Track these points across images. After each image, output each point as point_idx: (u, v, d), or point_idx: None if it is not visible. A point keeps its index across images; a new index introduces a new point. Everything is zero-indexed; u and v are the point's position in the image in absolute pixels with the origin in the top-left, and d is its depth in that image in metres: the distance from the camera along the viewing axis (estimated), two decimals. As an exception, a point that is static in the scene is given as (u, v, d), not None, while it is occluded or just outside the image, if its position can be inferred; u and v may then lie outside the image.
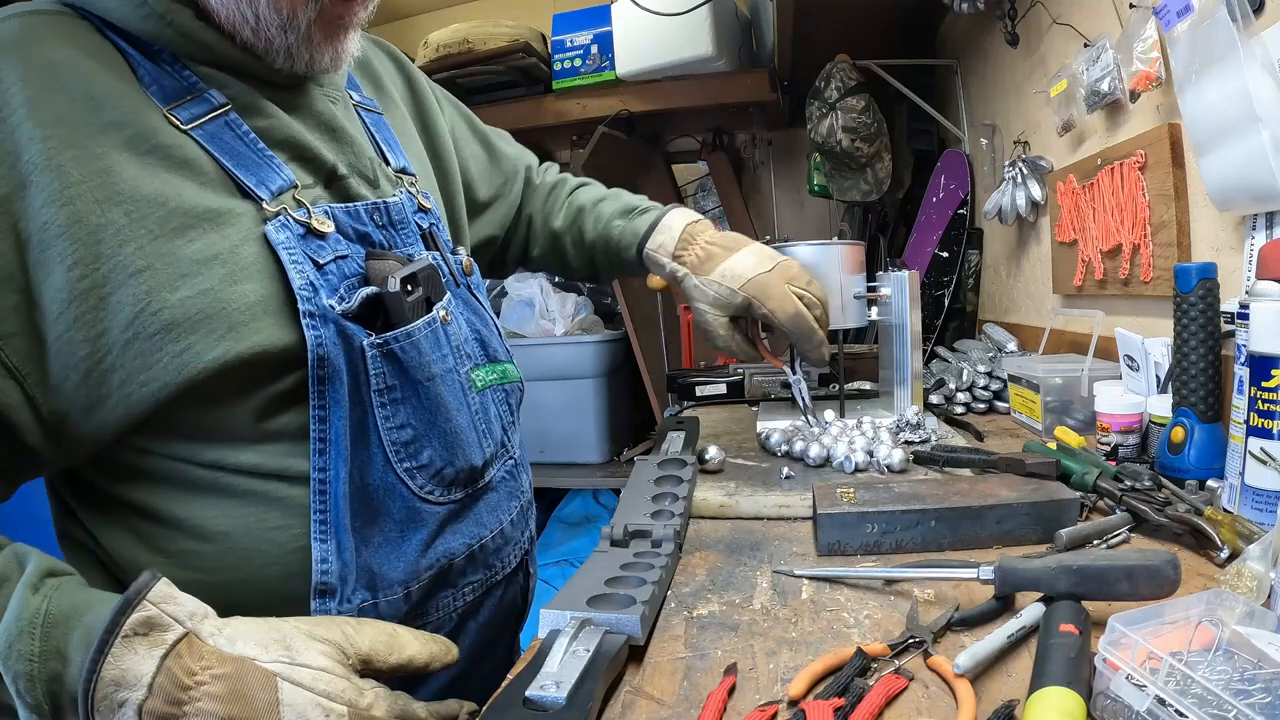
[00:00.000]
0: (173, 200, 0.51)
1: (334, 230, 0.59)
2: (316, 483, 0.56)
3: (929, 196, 1.99)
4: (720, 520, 0.81)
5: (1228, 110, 0.79)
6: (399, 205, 0.65)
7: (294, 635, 0.46)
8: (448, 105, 0.89)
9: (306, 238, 0.57)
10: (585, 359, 1.98)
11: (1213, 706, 0.37)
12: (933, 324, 1.79)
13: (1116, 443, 0.90)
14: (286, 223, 0.55)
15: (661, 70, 2.15)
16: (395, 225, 0.65)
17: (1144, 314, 1.08)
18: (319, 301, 0.55)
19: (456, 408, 0.63)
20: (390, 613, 0.60)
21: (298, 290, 0.54)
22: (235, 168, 0.55)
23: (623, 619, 0.53)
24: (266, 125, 0.58)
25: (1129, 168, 1.05)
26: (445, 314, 0.63)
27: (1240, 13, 0.76)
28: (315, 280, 0.56)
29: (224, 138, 0.55)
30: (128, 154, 0.51)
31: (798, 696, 0.47)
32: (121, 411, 0.51)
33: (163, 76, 0.54)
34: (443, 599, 0.65)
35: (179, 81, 0.55)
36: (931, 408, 1.23)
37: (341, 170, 0.62)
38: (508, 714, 0.46)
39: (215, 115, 0.55)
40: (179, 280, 0.51)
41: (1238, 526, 0.62)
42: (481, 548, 0.67)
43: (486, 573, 0.69)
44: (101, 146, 0.50)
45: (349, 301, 0.57)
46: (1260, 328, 0.64)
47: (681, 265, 0.88)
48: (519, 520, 0.74)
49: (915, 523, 0.69)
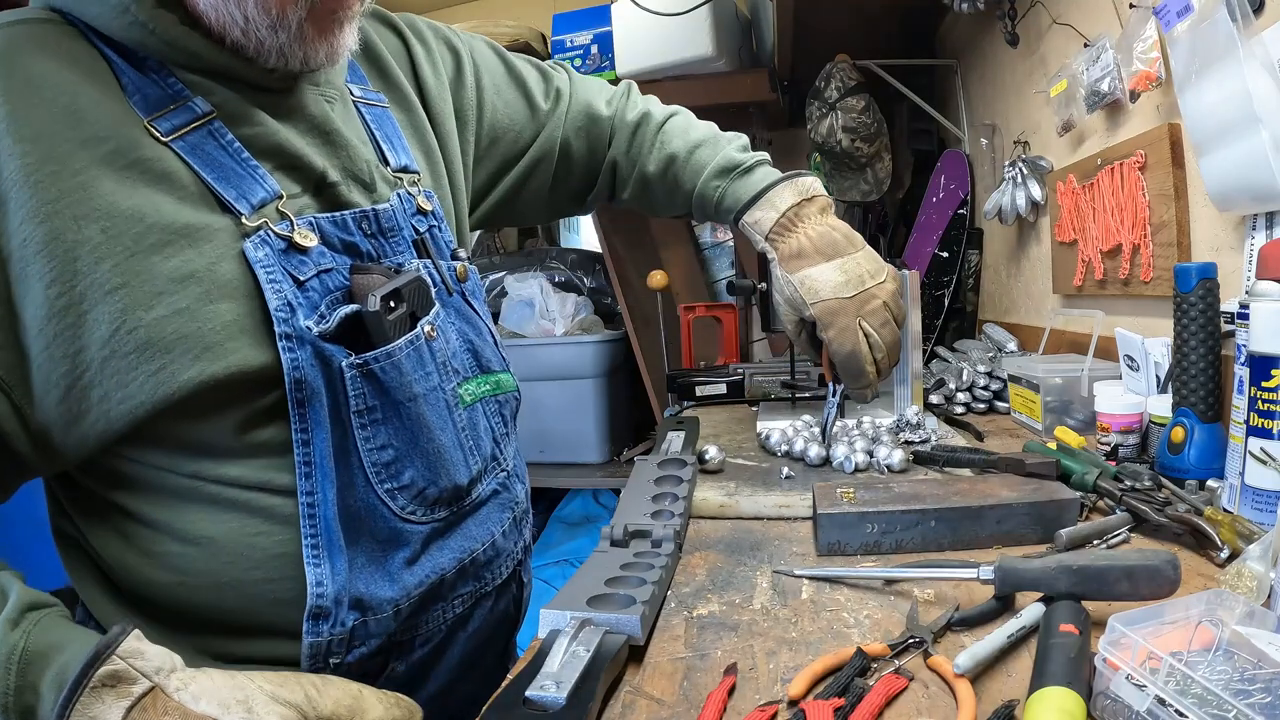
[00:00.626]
0: (150, 216, 0.50)
1: (318, 243, 0.57)
2: (305, 506, 0.55)
3: (929, 196, 1.99)
4: (720, 520, 0.81)
5: (1228, 110, 0.79)
6: (389, 213, 0.64)
7: (257, 696, 0.45)
8: (472, 60, 0.82)
9: (288, 253, 0.55)
10: (585, 359, 1.98)
11: (1213, 706, 0.37)
12: (933, 324, 1.79)
13: (1116, 443, 0.90)
14: (267, 238, 0.54)
15: (661, 70, 2.14)
16: (385, 234, 0.63)
17: (1144, 314, 1.08)
18: (296, 323, 0.54)
19: (440, 426, 0.62)
20: (380, 630, 0.59)
21: (274, 311, 0.53)
22: (215, 181, 0.54)
23: (623, 619, 0.53)
24: (253, 133, 0.57)
25: (1129, 168, 1.05)
26: (431, 329, 0.62)
27: (1240, 13, 0.76)
28: (294, 299, 0.55)
29: (206, 149, 0.54)
30: (106, 169, 0.50)
31: (798, 696, 0.47)
32: (101, 426, 0.51)
33: (147, 85, 0.53)
34: (433, 612, 0.64)
35: (164, 90, 0.54)
36: (931, 408, 1.23)
37: (333, 176, 0.61)
38: (508, 714, 0.46)
39: (198, 125, 0.54)
40: (154, 299, 0.50)
41: (1238, 526, 0.62)
42: (472, 561, 0.67)
43: (476, 584, 0.68)
44: (80, 162, 0.49)
45: (328, 321, 0.55)
46: (1260, 328, 0.64)
47: (773, 249, 0.83)
48: (511, 531, 0.73)
49: (915, 523, 0.69)
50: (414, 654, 0.64)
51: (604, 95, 0.92)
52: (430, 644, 0.65)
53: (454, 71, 0.80)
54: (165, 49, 0.53)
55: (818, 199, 0.84)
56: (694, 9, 2.01)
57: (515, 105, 0.85)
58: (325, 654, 0.57)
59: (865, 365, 0.80)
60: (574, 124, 0.89)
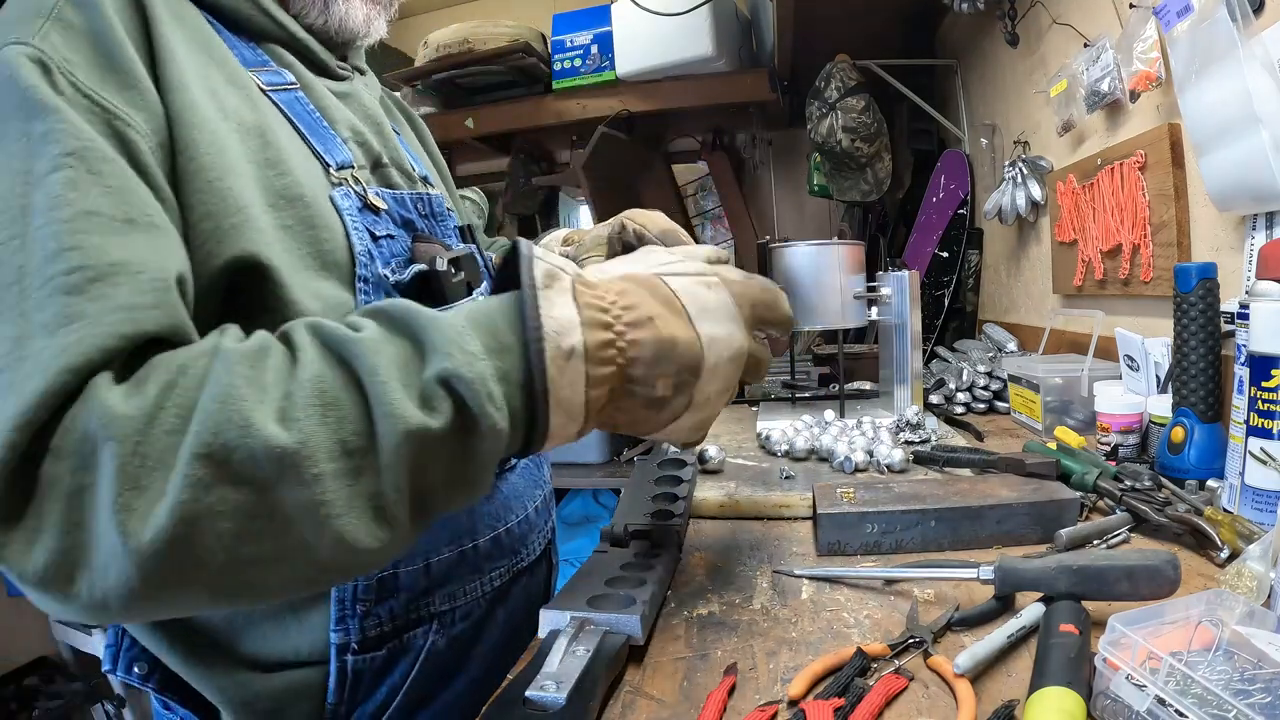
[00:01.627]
0: (268, 134, 0.54)
1: (385, 210, 0.61)
2: None
3: (929, 196, 1.99)
4: (720, 520, 0.81)
5: (1228, 110, 0.79)
6: (439, 199, 0.68)
7: (640, 263, 0.52)
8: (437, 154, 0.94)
9: (364, 211, 0.59)
10: (585, 359, 1.97)
11: (1213, 706, 0.37)
12: (933, 324, 1.79)
13: (1116, 443, 0.90)
14: (348, 193, 0.58)
15: (661, 70, 2.15)
16: (436, 217, 0.67)
17: (1144, 314, 1.08)
18: (374, 269, 0.57)
19: None
20: (409, 583, 0.60)
21: (357, 255, 0.56)
22: (309, 133, 0.58)
23: (623, 619, 0.53)
24: (326, 106, 0.61)
25: (1129, 168, 1.05)
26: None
27: (1240, 13, 0.76)
28: (371, 250, 0.57)
29: (295, 108, 0.58)
30: (230, 87, 0.54)
31: (798, 696, 0.47)
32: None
33: (242, 47, 0.58)
34: (470, 586, 0.65)
35: (256, 55, 0.59)
36: (931, 408, 1.23)
37: (385, 159, 0.65)
38: (508, 714, 0.46)
39: (288, 88, 0.59)
40: (268, 208, 0.52)
41: (1238, 526, 0.62)
42: (508, 532, 0.68)
43: (512, 559, 0.69)
44: (209, 74, 0.53)
45: (400, 274, 0.59)
46: (1260, 328, 0.64)
47: None
48: (542, 509, 0.76)
49: (915, 523, 0.69)
50: (455, 627, 0.64)
51: None
52: (470, 619, 0.65)
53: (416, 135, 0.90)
54: (264, 21, 0.59)
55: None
56: (694, 9, 2.01)
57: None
58: (353, 599, 0.57)
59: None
60: None
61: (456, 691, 0.63)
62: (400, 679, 0.59)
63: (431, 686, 0.62)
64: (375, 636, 0.58)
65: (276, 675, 0.56)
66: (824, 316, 1.11)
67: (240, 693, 0.56)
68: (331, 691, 0.57)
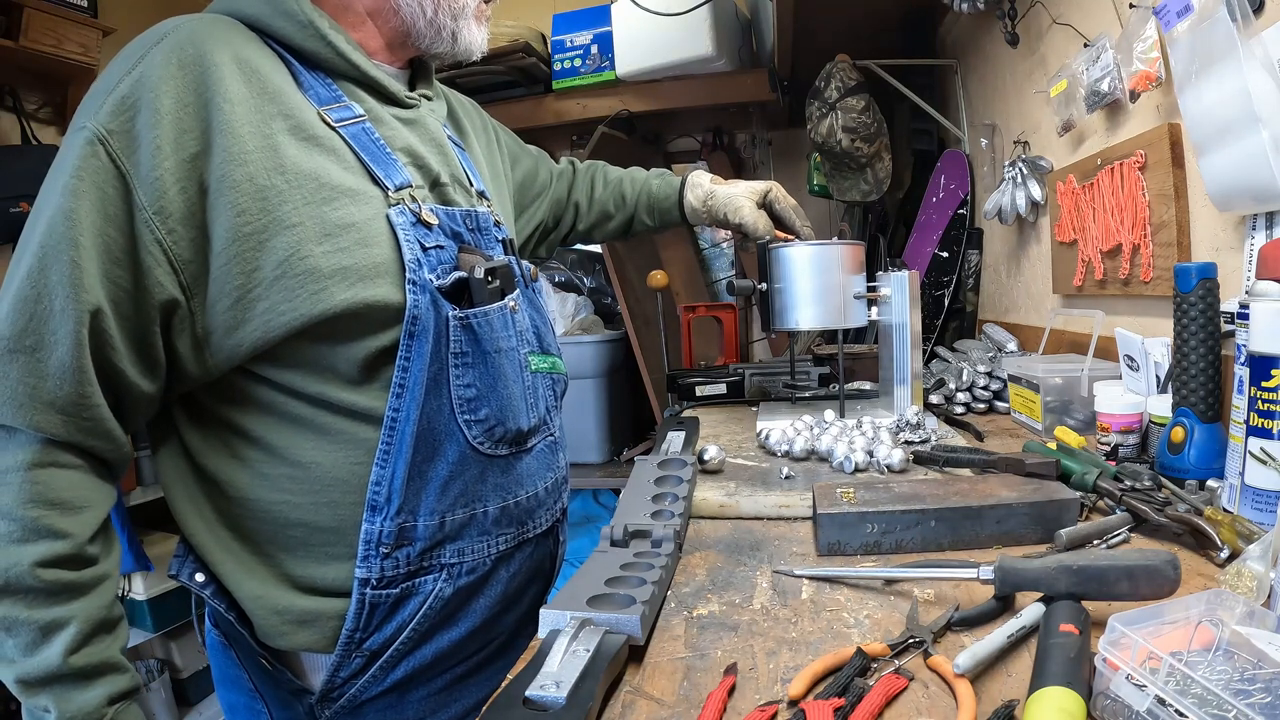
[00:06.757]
0: (323, 177, 0.65)
1: (437, 225, 0.72)
2: (389, 419, 0.67)
3: (929, 196, 1.99)
4: (720, 520, 0.81)
5: (1228, 110, 0.79)
6: (486, 215, 0.80)
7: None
8: (502, 133, 1.08)
9: (417, 225, 0.70)
10: (585, 359, 1.98)
11: (1213, 706, 0.37)
12: (933, 324, 1.79)
13: (1116, 443, 0.90)
14: (403, 211, 0.69)
15: (661, 70, 2.14)
16: (481, 230, 0.78)
17: (1144, 314, 1.08)
18: (421, 275, 0.68)
19: (514, 379, 0.75)
20: (425, 534, 0.70)
21: (407, 262, 0.67)
22: (371, 161, 0.69)
23: (623, 619, 0.53)
24: (390, 134, 0.73)
25: (1129, 168, 1.05)
26: (514, 304, 0.76)
27: (1240, 13, 0.76)
28: (420, 258, 0.69)
29: (361, 139, 0.70)
30: (291, 138, 0.65)
31: (798, 696, 0.47)
32: (259, 335, 0.63)
33: (317, 85, 0.70)
34: (478, 542, 0.74)
35: (329, 92, 0.71)
36: (931, 408, 1.23)
37: (444, 179, 0.76)
38: (508, 714, 0.46)
39: (355, 121, 0.70)
40: (323, 238, 0.64)
41: (1238, 526, 0.62)
42: (516, 504, 0.77)
43: (519, 528, 0.78)
44: (271, 128, 0.64)
45: (444, 279, 0.70)
46: (1260, 328, 0.64)
47: (713, 185, 1.14)
48: (553, 490, 0.84)
49: (915, 523, 0.69)
50: (461, 579, 0.73)
51: (548, 159, 1.21)
52: (476, 573, 0.74)
53: (485, 137, 1.02)
54: (340, 63, 0.71)
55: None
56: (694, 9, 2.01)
57: (530, 167, 1.11)
58: (377, 542, 0.68)
59: (764, 217, 1.12)
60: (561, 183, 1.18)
61: (457, 634, 0.74)
62: (409, 617, 0.70)
63: (435, 627, 0.73)
64: (391, 576, 0.69)
65: (308, 597, 0.69)
66: (824, 316, 1.12)
67: (273, 602, 0.68)
68: (349, 618, 0.68)
